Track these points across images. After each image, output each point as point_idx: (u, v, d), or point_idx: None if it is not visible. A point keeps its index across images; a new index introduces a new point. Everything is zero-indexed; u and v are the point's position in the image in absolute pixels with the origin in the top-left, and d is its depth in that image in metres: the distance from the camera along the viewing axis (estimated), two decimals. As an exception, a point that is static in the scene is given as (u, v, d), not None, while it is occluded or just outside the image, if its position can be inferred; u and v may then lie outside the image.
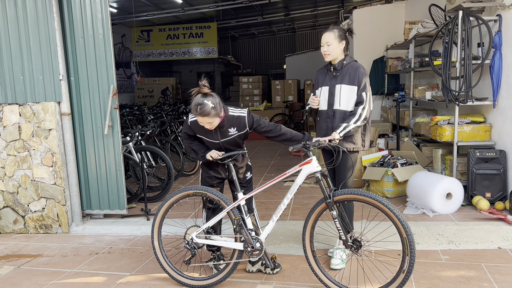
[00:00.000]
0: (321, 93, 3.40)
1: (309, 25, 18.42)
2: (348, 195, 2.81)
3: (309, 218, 2.96)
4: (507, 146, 4.58)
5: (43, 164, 4.49)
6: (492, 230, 3.91)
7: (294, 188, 3.00)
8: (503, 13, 4.54)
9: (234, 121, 3.14)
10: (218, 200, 3.13)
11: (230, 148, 3.22)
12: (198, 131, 3.18)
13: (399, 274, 2.67)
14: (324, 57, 3.33)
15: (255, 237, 3.04)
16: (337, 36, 3.24)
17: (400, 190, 5.15)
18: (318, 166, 2.90)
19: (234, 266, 3.09)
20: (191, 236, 3.18)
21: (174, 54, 15.70)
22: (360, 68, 3.28)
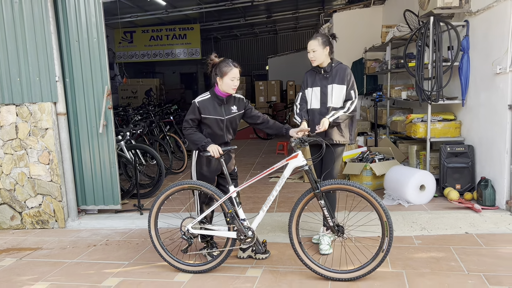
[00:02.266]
0: (312, 93, 3.75)
1: (291, 27, 18.75)
2: (334, 185, 3.13)
3: (296, 207, 3.23)
4: (475, 141, 4.97)
5: (40, 162, 4.68)
6: (460, 218, 4.28)
7: (282, 181, 3.29)
8: (470, 19, 4.93)
9: (236, 100, 3.60)
10: (212, 194, 3.39)
11: (230, 129, 3.58)
12: (206, 110, 3.47)
13: (378, 253, 3.03)
14: (311, 62, 3.69)
15: (247, 226, 3.32)
16: (321, 43, 3.59)
17: (377, 184, 5.50)
18: (304, 160, 3.22)
19: (228, 253, 3.37)
20: (187, 227, 3.43)
21: (157, 55, 15.82)
22: (347, 69, 3.68)
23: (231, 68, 3.41)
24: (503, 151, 4.35)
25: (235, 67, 3.44)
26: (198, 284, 3.25)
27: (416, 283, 3.06)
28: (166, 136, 7.48)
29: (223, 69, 3.42)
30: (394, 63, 6.78)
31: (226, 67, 3.42)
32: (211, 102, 3.50)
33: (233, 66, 3.43)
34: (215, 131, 3.52)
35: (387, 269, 3.31)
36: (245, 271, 3.43)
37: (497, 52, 4.38)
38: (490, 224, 4.11)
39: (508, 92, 4.24)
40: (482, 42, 4.70)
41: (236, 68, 3.44)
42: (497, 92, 4.43)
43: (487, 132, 4.68)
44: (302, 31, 20.19)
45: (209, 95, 3.54)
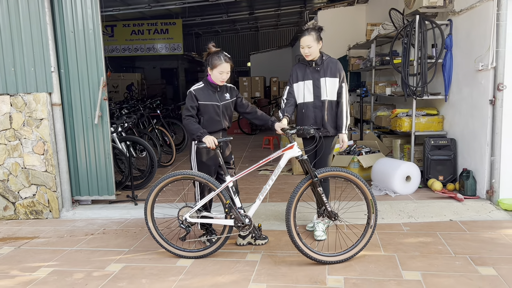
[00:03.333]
0: (304, 86, 3.82)
1: (272, 24, 18.92)
2: (329, 172, 3.32)
3: (294, 195, 3.32)
4: (456, 135, 5.23)
5: (35, 152, 4.69)
6: (444, 207, 4.52)
7: (277, 171, 3.44)
8: (453, 18, 5.18)
9: (227, 88, 3.76)
10: (207, 183, 3.49)
11: (226, 115, 3.72)
12: (202, 97, 3.60)
13: (367, 229, 3.35)
14: (305, 57, 3.78)
15: (244, 214, 3.45)
16: (315, 38, 3.70)
17: (365, 175, 5.71)
18: (299, 151, 3.37)
19: (225, 240, 3.51)
20: (184, 217, 3.53)
21: (138, 49, 15.72)
22: (339, 63, 3.83)
23: (221, 62, 3.52)
24: (484, 144, 4.61)
25: (226, 62, 3.53)
26: (200, 268, 3.36)
27: (407, 264, 3.25)
28: (155, 129, 7.52)
29: (214, 61, 3.54)
30: (378, 60, 7.01)
31: (217, 60, 3.53)
32: (205, 90, 3.64)
33: (224, 60, 3.53)
34: (213, 117, 3.64)
35: (380, 252, 3.50)
36: (244, 256, 3.57)
37: (479, 50, 4.63)
38: (472, 212, 4.36)
39: (489, 88, 4.49)
40: (464, 40, 4.96)
41: (226, 63, 3.53)
42: (479, 88, 4.68)
43: (468, 126, 4.94)
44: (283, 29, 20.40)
45: (202, 84, 3.67)
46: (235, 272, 3.25)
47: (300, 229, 3.89)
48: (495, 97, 4.44)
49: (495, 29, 4.36)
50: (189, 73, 21.47)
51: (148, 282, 3.16)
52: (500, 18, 4.32)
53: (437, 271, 3.13)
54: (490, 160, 4.56)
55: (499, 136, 4.46)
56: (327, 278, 3.09)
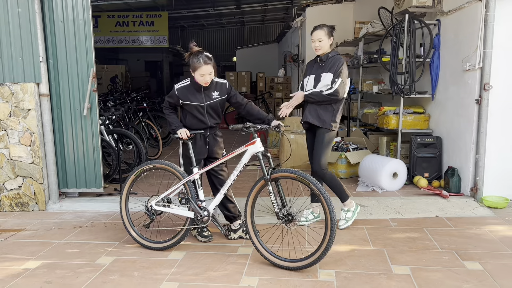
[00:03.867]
0: (308, 80, 3.97)
1: (258, 19, 18.91)
2: (283, 174, 3.17)
3: (250, 194, 3.28)
4: (442, 133, 5.34)
5: (21, 144, 4.61)
6: (430, 203, 4.62)
7: (239, 166, 3.40)
8: (442, 19, 5.28)
9: (218, 86, 3.65)
10: (174, 173, 3.53)
11: (212, 114, 3.65)
12: (185, 97, 3.58)
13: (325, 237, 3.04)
14: (315, 52, 3.88)
15: (203, 207, 3.47)
16: (327, 33, 3.79)
17: (352, 172, 5.79)
18: (261, 147, 3.29)
19: (186, 232, 3.50)
20: (150, 204, 3.61)
21: (123, 41, 15.49)
22: (340, 60, 3.85)
23: (201, 64, 3.40)
24: (469, 142, 4.72)
25: (205, 64, 3.40)
26: (193, 261, 3.37)
27: (396, 259, 3.32)
28: (142, 122, 7.46)
29: (194, 64, 3.45)
30: (366, 58, 7.09)
31: (196, 62, 3.42)
32: (190, 89, 3.60)
33: (203, 62, 3.40)
34: (196, 116, 3.63)
35: (369, 247, 3.57)
36: (236, 249, 3.59)
37: (467, 50, 4.73)
38: (457, 209, 4.47)
39: (476, 88, 4.60)
40: (452, 40, 5.05)
41: (206, 65, 3.40)
42: (465, 87, 4.79)
43: (454, 124, 5.05)
44: (269, 24, 20.41)
45: (188, 82, 3.63)
46: (228, 266, 3.27)
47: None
48: (481, 97, 4.55)
49: (483, 30, 4.46)
50: (174, 66, 21.34)
51: (140, 275, 3.15)
52: (488, 19, 4.42)
53: (426, 265, 3.21)
54: (475, 158, 4.68)
55: (484, 135, 4.57)
56: (318, 272, 3.14)
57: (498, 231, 3.89)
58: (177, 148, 3.84)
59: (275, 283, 2.98)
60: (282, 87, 12.85)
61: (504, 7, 4.41)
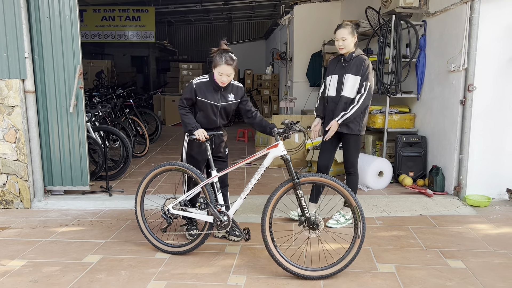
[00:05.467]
0: (331, 80, 3.90)
1: (246, 16, 18.85)
2: (312, 178, 3.11)
3: (273, 196, 3.13)
4: (427, 132, 5.42)
5: (6, 140, 4.55)
6: (415, 202, 4.70)
7: (261, 170, 3.32)
8: (428, 20, 5.35)
9: (234, 88, 3.57)
10: (193, 175, 3.43)
11: (223, 115, 3.61)
12: (203, 93, 3.46)
13: (354, 239, 3.03)
14: (339, 51, 3.81)
15: (223, 212, 3.36)
16: (350, 31, 3.72)
17: (338, 170, 5.84)
18: (283, 150, 3.21)
19: (206, 236, 3.41)
20: (167, 207, 3.49)
21: (109, 36, 15.32)
22: (366, 61, 3.75)
23: (221, 63, 3.32)
24: (453, 141, 4.81)
25: (226, 64, 3.31)
26: (180, 260, 3.37)
27: (382, 257, 3.38)
28: (128, 119, 7.41)
29: (216, 60, 3.36)
30: (353, 57, 7.13)
31: (218, 60, 3.34)
32: (208, 86, 3.49)
33: (224, 62, 3.31)
34: (209, 115, 3.55)
35: (355, 245, 3.61)
36: (224, 248, 3.60)
37: (452, 51, 4.80)
38: (441, 207, 4.55)
39: (460, 88, 4.68)
40: (438, 41, 5.13)
41: (226, 65, 3.32)
42: (450, 88, 4.87)
43: (439, 124, 5.13)
44: (257, 21, 20.37)
45: (207, 78, 3.52)
46: (215, 264, 3.29)
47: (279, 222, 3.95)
48: (465, 98, 4.63)
49: (468, 32, 4.54)
50: (160, 61, 21.16)
51: (128, 274, 3.15)
52: (472, 21, 4.49)
53: (410, 263, 3.27)
54: (459, 157, 4.76)
55: (468, 135, 4.66)
56: (305, 270, 3.17)
57: (481, 229, 3.98)
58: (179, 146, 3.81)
59: (262, 282, 3.01)
60: (270, 85, 12.85)
61: (488, 10, 4.49)
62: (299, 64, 9.50)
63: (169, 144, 8.58)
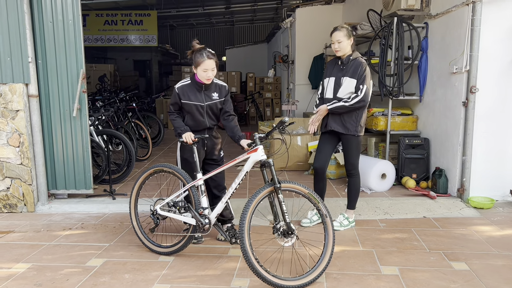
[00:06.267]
0: (328, 82, 3.93)
1: (248, 19, 18.92)
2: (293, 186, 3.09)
3: (252, 200, 3.06)
4: (430, 134, 5.42)
5: (10, 145, 4.57)
6: (418, 204, 4.69)
7: (241, 174, 3.33)
8: (429, 22, 5.35)
9: (217, 87, 3.64)
10: (179, 177, 3.48)
11: (211, 115, 3.64)
12: (186, 96, 3.55)
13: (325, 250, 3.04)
14: (335, 53, 3.85)
15: (204, 215, 3.37)
16: (346, 34, 3.75)
17: (341, 173, 5.84)
18: (263, 155, 3.19)
19: (189, 238, 3.42)
20: (155, 208, 3.55)
21: (111, 40, 15.39)
22: (363, 64, 3.78)
23: (204, 59, 3.40)
24: (456, 143, 4.80)
25: (209, 59, 3.41)
26: (184, 263, 3.38)
27: (385, 260, 3.37)
28: (131, 122, 7.43)
29: (197, 59, 3.44)
30: (355, 59, 7.14)
31: (200, 57, 3.42)
32: (191, 88, 3.58)
33: (206, 57, 3.40)
34: (196, 117, 3.61)
35: (359, 248, 3.61)
36: (227, 251, 3.60)
37: (454, 53, 4.80)
38: (444, 210, 4.54)
39: (462, 90, 4.67)
40: (440, 43, 5.13)
41: (209, 60, 3.41)
42: (452, 90, 4.87)
43: (441, 126, 5.13)
44: (259, 24, 20.43)
45: (189, 80, 3.61)
46: (218, 267, 3.29)
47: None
48: (468, 99, 4.62)
49: (470, 33, 4.54)
50: (163, 65, 21.23)
51: (131, 277, 3.16)
52: (474, 23, 4.49)
53: (413, 266, 3.27)
54: (462, 159, 4.76)
55: (471, 136, 4.65)
56: (308, 273, 3.17)
57: (484, 231, 3.97)
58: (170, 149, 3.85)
59: (266, 285, 3.00)
60: (272, 88, 12.87)
61: (490, 12, 4.49)
62: (301, 67, 9.51)
63: (171, 147, 8.59)
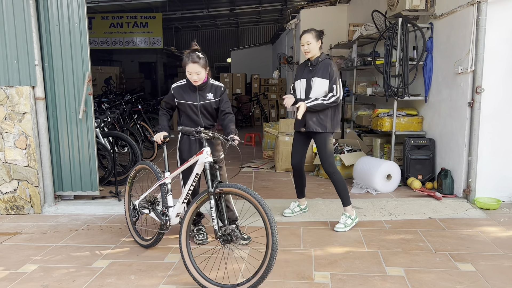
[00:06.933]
0: (300, 84, 4.05)
1: (252, 20, 18.94)
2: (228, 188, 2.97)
3: (189, 208, 3.06)
4: (435, 135, 5.40)
5: (16, 147, 4.61)
6: (424, 205, 4.68)
7: (192, 176, 3.30)
8: (434, 22, 5.34)
9: (213, 88, 3.68)
10: (153, 173, 3.65)
11: (206, 114, 3.68)
12: (180, 95, 3.63)
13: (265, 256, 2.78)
14: (304, 55, 3.98)
15: (165, 213, 3.53)
16: (314, 36, 3.90)
17: (346, 174, 5.83)
18: (207, 157, 3.13)
19: (159, 234, 3.61)
20: (134, 203, 3.80)
21: (117, 43, 15.45)
22: (331, 64, 3.94)
23: (188, 62, 3.41)
24: (462, 144, 4.78)
25: (192, 62, 3.39)
26: (189, 264, 3.38)
27: (391, 261, 3.37)
28: (137, 124, 7.47)
29: (184, 61, 3.48)
30: (360, 60, 7.14)
31: (185, 60, 3.43)
32: (185, 88, 3.65)
33: (190, 60, 3.39)
34: (190, 116, 3.67)
35: (364, 249, 3.61)
36: (232, 252, 3.60)
37: (459, 53, 4.79)
38: (450, 210, 4.52)
39: (468, 91, 4.66)
40: (445, 43, 5.11)
41: (192, 63, 3.39)
42: (458, 90, 4.85)
43: (447, 126, 5.11)
44: (264, 25, 20.46)
45: (185, 81, 3.67)
46: (224, 268, 3.29)
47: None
48: (473, 100, 4.61)
49: (475, 34, 4.52)
50: (168, 67, 21.31)
51: (137, 278, 3.17)
52: (479, 23, 4.48)
53: (419, 267, 3.26)
54: (467, 160, 4.74)
55: (476, 137, 4.63)
56: (314, 274, 3.17)
57: (490, 232, 3.95)
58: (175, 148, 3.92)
59: (271, 285, 3.01)
60: (277, 89, 12.89)
61: (495, 12, 4.47)
62: (306, 68, 9.50)
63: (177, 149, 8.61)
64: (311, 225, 4.18)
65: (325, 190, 5.38)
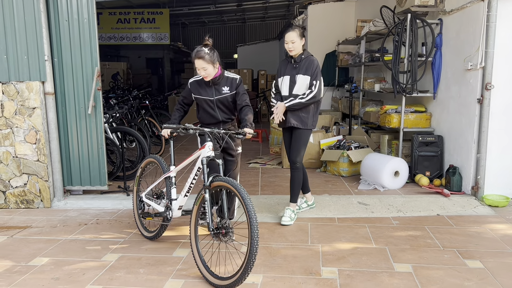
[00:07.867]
0: (283, 81, 4.09)
1: (259, 16, 18.88)
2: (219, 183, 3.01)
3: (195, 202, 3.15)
4: (444, 132, 5.38)
5: (26, 141, 4.65)
6: (432, 201, 4.67)
7: (194, 170, 3.39)
8: (444, 18, 5.30)
9: (228, 81, 3.70)
10: (160, 167, 3.72)
11: (223, 108, 3.72)
12: (197, 90, 3.70)
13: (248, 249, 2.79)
14: (289, 52, 4.02)
15: (168, 206, 3.57)
16: (299, 34, 3.95)
17: (353, 170, 5.83)
18: (209, 152, 3.22)
19: (162, 227, 3.70)
20: (140, 195, 3.87)
21: (124, 38, 15.49)
22: (314, 62, 4.01)
23: (194, 58, 3.48)
24: (470, 141, 4.76)
25: (197, 58, 3.44)
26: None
27: (398, 257, 3.37)
28: (144, 120, 7.50)
29: (192, 57, 3.54)
30: (368, 56, 7.11)
31: (192, 56, 3.51)
32: (201, 83, 3.71)
33: (196, 56, 3.44)
34: (207, 110, 3.74)
35: (371, 245, 3.61)
36: (239, 247, 3.61)
37: (469, 50, 4.76)
38: (458, 207, 4.51)
39: (477, 87, 4.63)
40: (454, 39, 5.08)
41: (197, 59, 3.44)
42: (467, 86, 4.82)
43: (455, 123, 5.08)
44: (270, 21, 20.39)
45: (201, 76, 3.68)
46: (232, 263, 3.31)
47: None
48: (483, 96, 4.58)
49: (485, 30, 4.49)
50: (175, 63, 21.31)
51: (146, 272, 3.20)
52: (490, 19, 4.44)
53: (427, 263, 3.26)
54: (476, 157, 4.71)
55: (486, 134, 4.61)
56: (321, 270, 3.18)
57: (499, 229, 3.93)
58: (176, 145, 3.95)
59: (278, 280, 3.03)
60: (284, 85, 12.86)
61: (506, 7, 4.43)
62: (313, 64, 9.48)
63: (184, 144, 8.64)
64: (319, 221, 4.19)
65: (332, 186, 5.39)
